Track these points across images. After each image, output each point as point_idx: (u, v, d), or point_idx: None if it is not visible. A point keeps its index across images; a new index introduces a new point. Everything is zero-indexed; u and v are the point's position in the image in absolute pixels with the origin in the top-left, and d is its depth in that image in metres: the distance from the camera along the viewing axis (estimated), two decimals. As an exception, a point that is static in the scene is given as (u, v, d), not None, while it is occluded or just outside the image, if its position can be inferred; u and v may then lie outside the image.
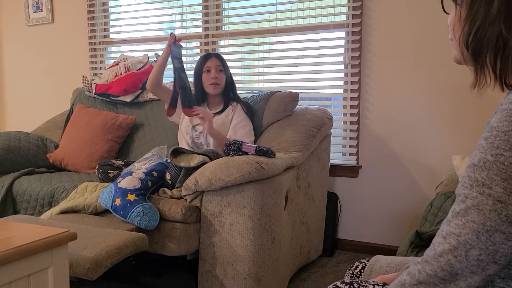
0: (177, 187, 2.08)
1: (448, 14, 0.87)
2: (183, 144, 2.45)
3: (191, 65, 3.29)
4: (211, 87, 2.40)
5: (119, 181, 2.02)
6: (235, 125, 2.39)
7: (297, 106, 2.56)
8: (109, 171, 2.35)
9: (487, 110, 2.41)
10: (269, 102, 2.49)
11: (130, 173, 2.07)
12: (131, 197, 1.94)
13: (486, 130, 0.73)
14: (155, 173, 2.11)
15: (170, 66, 2.36)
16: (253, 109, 2.51)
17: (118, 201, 1.94)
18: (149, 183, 2.05)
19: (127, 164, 2.41)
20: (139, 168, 2.15)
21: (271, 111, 2.48)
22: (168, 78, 2.67)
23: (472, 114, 2.46)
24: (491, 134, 0.72)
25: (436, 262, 0.73)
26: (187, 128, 2.44)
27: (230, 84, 2.47)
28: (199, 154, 2.09)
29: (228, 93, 2.46)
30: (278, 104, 2.47)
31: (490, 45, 0.76)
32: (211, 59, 2.42)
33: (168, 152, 2.11)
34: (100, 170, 2.37)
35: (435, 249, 0.75)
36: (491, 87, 0.79)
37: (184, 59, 3.28)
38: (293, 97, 2.50)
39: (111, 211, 1.98)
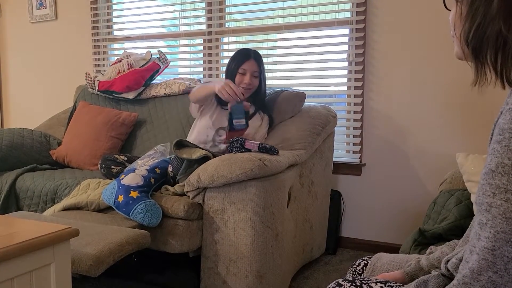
0: (178, 179, 2.07)
1: (449, 10, 0.86)
2: (193, 140, 2.39)
3: (196, 62, 3.29)
4: (241, 90, 2.23)
5: (122, 178, 2.02)
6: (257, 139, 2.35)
7: (302, 104, 2.55)
8: (112, 167, 2.35)
9: (491, 107, 2.40)
10: (277, 104, 2.47)
11: (133, 170, 2.07)
12: (134, 194, 1.94)
13: (497, 133, 0.71)
14: (158, 170, 2.11)
15: None
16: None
17: (120, 198, 1.94)
18: (152, 180, 2.05)
19: (130, 159, 2.40)
20: (142, 165, 2.15)
21: (280, 112, 2.46)
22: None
23: (476, 112, 2.44)
24: (503, 137, 0.69)
25: (477, 282, 0.70)
26: (207, 130, 2.35)
27: (263, 90, 2.37)
28: (202, 149, 2.09)
29: (261, 99, 2.38)
30: (286, 106, 2.45)
31: (490, 42, 0.75)
32: (249, 61, 2.29)
33: (172, 144, 2.10)
34: (103, 165, 2.37)
35: (470, 268, 0.71)
36: (491, 85, 0.79)
37: (187, 56, 3.30)
38: (301, 98, 2.48)
39: (114, 208, 1.98)
